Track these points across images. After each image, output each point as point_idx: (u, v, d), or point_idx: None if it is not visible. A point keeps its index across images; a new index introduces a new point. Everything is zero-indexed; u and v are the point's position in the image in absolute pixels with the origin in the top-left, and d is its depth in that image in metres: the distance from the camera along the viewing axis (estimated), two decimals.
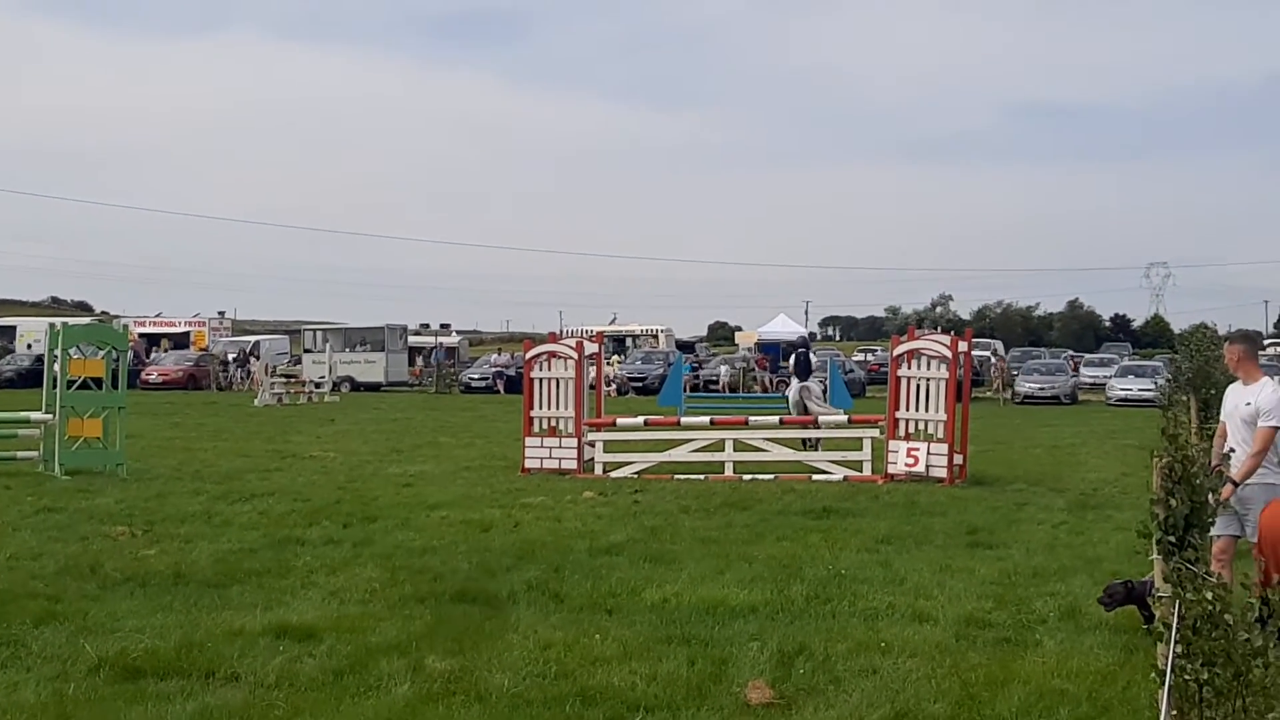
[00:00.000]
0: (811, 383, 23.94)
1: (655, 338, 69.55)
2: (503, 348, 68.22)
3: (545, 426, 18.88)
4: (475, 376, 54.43)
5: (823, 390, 25.62)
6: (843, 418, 20.21)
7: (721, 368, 52.11)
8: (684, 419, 21.06)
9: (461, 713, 6.49)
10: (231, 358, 57.18)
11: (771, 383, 49.84)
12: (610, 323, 78.08)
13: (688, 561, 10.78)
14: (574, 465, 18.46)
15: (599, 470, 18.27)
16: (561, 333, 49.11)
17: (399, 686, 6.88)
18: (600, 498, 15.39)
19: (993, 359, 53.44)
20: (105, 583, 9.69)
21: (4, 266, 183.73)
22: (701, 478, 17.44)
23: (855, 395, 38.59)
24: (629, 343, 68.60)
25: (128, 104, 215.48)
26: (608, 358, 49.48)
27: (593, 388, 20.97)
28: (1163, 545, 4.80)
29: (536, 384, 19.05)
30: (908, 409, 17.55)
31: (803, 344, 26.74)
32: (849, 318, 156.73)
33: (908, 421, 17.52)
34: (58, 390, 17.81)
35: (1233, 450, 8.47)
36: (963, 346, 17.96)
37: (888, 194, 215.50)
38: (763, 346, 59.66)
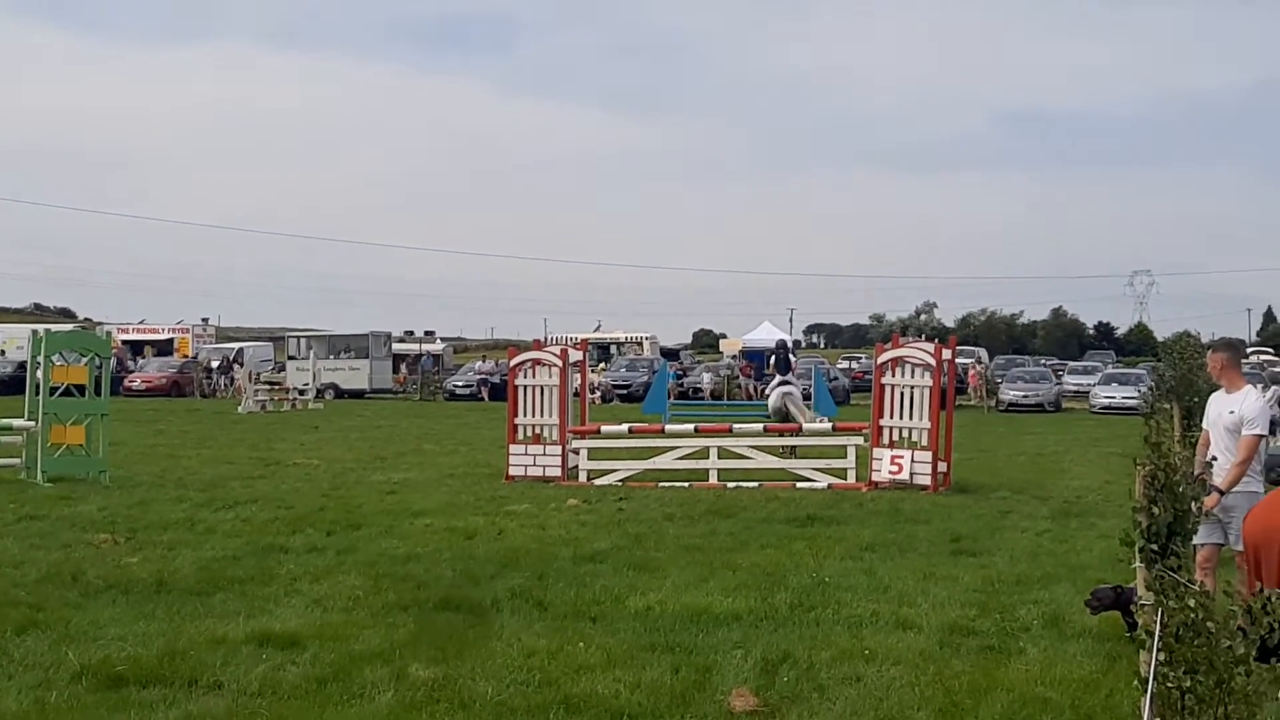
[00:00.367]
0: (793, 385, 24.41)
1: (640, 345, 69.65)
2: (487, 355, 68.17)
3: (530, 434, 18.87)
4: (460, 384, 54.37)
5: (803, 394, 25.98)
6: (827, 426, 20.26)
7: (705, 375, 52.09)
8: (668, 426, 21.07)
9: None
10: (215, 365, 57.03)
11: (756, 390, 49.82)
12: (595, 330, 78.19)
13: (672, 569, 10.77)
14: (558, 473, 18.45)
15: (583, 478, 18.26)
16: (546, 340, 49.10)
17: (382, 694, 6.86)
18: (584, 505, 15.38)
19: (975, 365, 53.54)
20: (88, 590, 9.65)
21: None
22: (686, 485, 17.44)
23: (840, 403, 38.66)
24: (614, 350, 68.62)
25: (112, 110, 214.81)
26: (592, 365, 49.48)
27: (577, 395, 20.96)
28: (1145, 553, 4.81)
29: (521, 391, 19.04)
30: (892, 417, 17.58)
31: (781, 345, 27.82)
32: (833, 325, 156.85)
33: (892, 429, 17.55)
34: (40, 397, 17.75)
35: (1215, 458, 8.51)
36: (947, 354, 18.01)
37: (873, 202, 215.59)
38: (747, 354, 59.70)
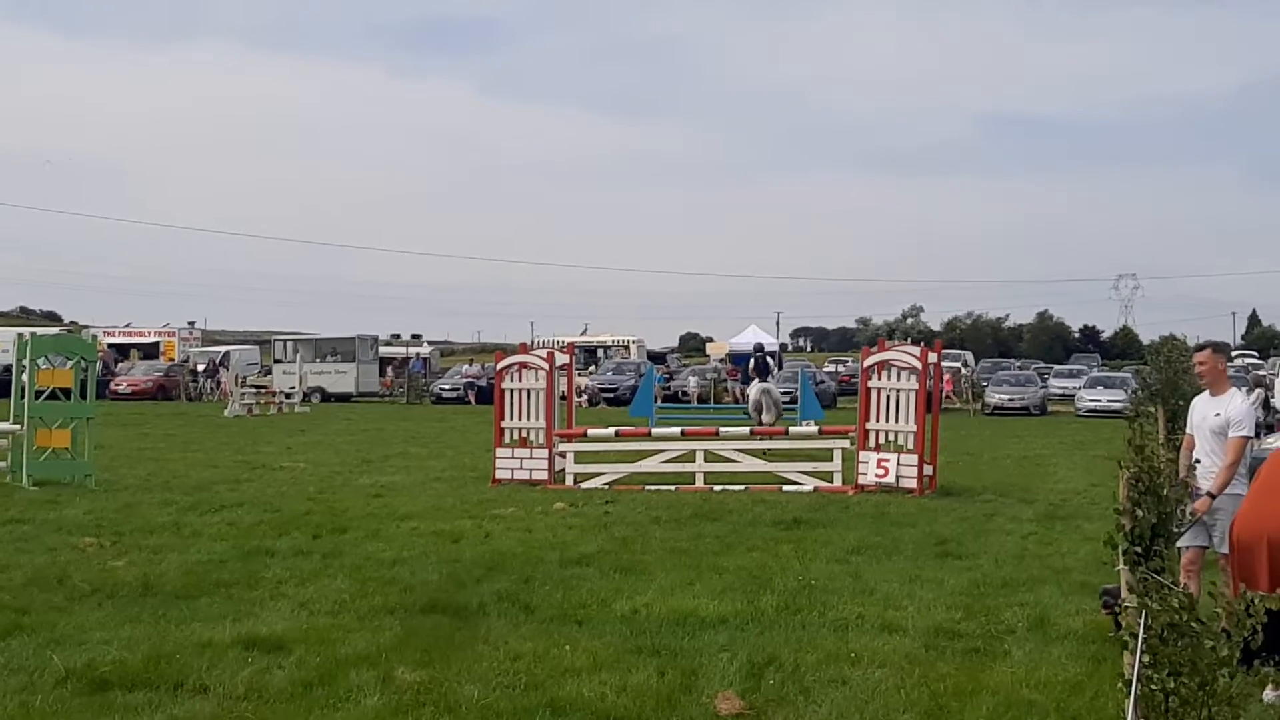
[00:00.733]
0: (771, 385, 25.62)
1: (626, 349, 69.63)
2: (474, 358, 68.15)
3: (516, 437, 18.86)
4: (446, 387, 54.32)
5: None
6: (814, 430, 20.27)
7: (691, 379, 52.08)
8: (655, 430, 21.07)
9: None
10: (201, 368, 56.90)
11: (742, 394, 49.82)
12: (581, 334, 78.15)
13: (658, 572, 10.78)
14: (545, 476, 18.45)
15: (570, 481, 18.26)
16: (533, 343, 49.11)
17: (368, 698, 6.86)
18: (571, 509, 15.38)
19: (962, 369, 53.65)
20: (73, 594, 9.62)
21: None
22: (672, 489, 17.45)
23: (826, 406, 38.68)
24: (600, 354, 68.60)
25: (96, 112, 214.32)
26: (579, 369, 49.45)
27: (564, 399, 20.96)
28: (1129, 555, 4.83)
29: (508, 395, 19.04)
30: (878, 420, 17.61)
31: (759, 349, 29.30)
32: (820, 329, 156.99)
33: (878, 433, 17.58)
34: (25, 401, 17.69)
35: (1199, 461, 8.54)
36: (933, 358, 18.04)
37: (860, 205, 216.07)
38: (734, 357, 59.72)
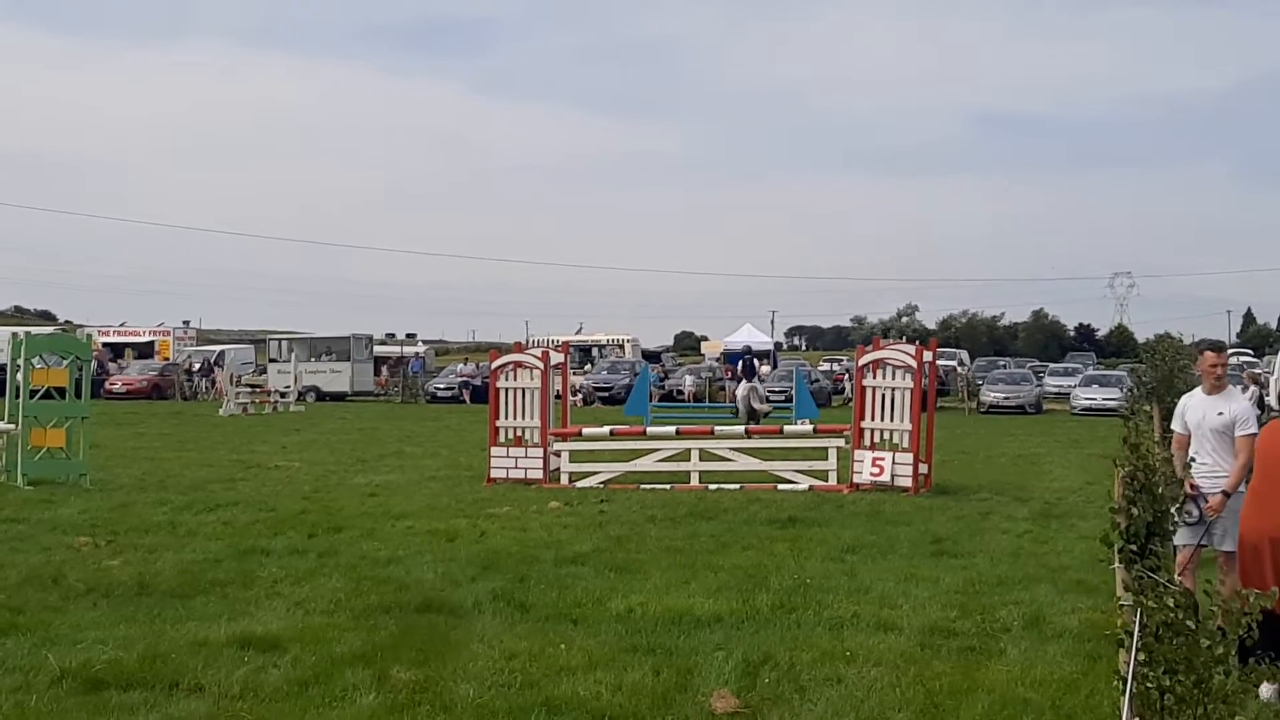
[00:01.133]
0: (756, 383, 28.41)
1: (621, 347, 69.57)
2: (469, 357, 68.09)
3: (511, 436, 18.86)
4: (441, 386, 54.26)
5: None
6: (809, 428, 20.29)
7: (686, 377, 52.07)
8: (650, 429, 21.07)
9: None
10: (196, 367, 56.80)
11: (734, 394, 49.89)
12: (576, 332, 78.07)
13: (653, 571, 10.79)
14: (540, 475, 18.45)
15: (565, 480, 18.26)
16: (527, 342, 49.05)
17: (364, 697, 6.86)
18: (566, 508, 15.38)
19: (957, 368, 53.66)
20: (68, 594, 9.62)
21: None
22: (667, 487, 17.45)
23: (821, 405, 38.72)
24: (595, 353, 68.57)
25: (91, 110, 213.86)
26: (574, 368, 49.45)
27: (558, 398, 20.95)
28: (1124, 553, 4.84)
29: (502, 394, 19.04)
30: (873, 418, 17.62)
31: (746, 351, 32.96)
32: (815, 328, 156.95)
33: (873, 431, 17.59)
34: (20, 400, 17.67)
35: (1193, 460, 8.54)
36: (928, 356, 18.05)
37: (854, 205, 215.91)
38: (729, 356, 59.74)
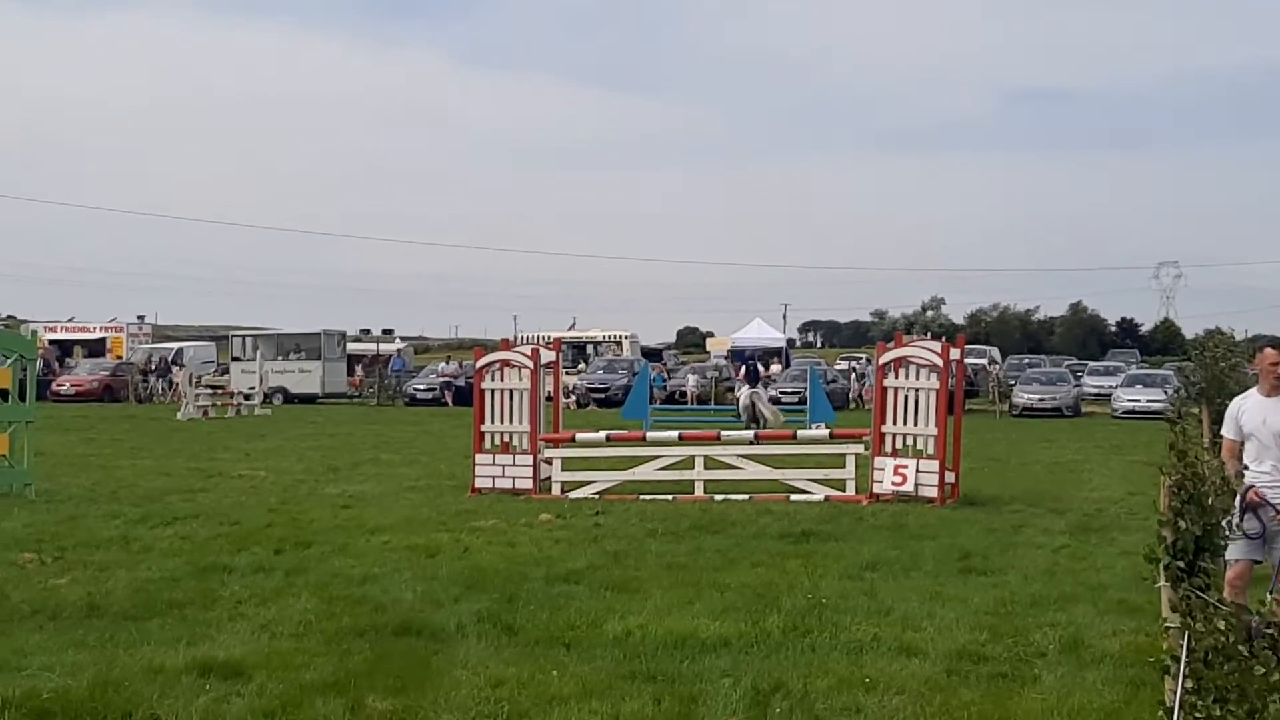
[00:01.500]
0: (761, 389, 29.85)
1: (619, 345, 69.58)
2: (451, 355, 68.05)
3: (498, 442, 18.85)
4: (421, 387, 54.27)
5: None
6: (825, 433, 20.28)
7: (690, 377, 52.06)
8: (650, 434, 21.06)
9: None
10: (152, 367, 56.82)
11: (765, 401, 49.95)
12: (569, 328, 78.15)
13: (654, 590, 10.78)
14: (529, 485, 18.44)
15: (556, 490, 18.25)
16: (516, 339, 49.08)
17: None
18: (558, 520, 15.38)
19: (987, 366, 53.65)
20: (11, 615, 9.61)
21: None
22: (669, 498, 17.44)
23: (838, 407, 38.74)
24: (590, 350, 68.59)
25: (35, 88, 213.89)
26: (567, 367, 49.43)
27: (550, 400, 20.94)
28: (1170, 571, 4.84)
29: (488, 395, 19.02)
30: (895, 422, 17.61)
31: (751, 355, 35.02)
32: (831, 323, 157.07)
33: (895, 436, 17.58)
34: None
35: (1247, 468, 8.52)
36: (955, 354, 18.04)
37: (874, 188, 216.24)
38: (737, 354, 59.73)
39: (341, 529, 14.45)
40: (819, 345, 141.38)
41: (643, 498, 17.54)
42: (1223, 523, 5.39)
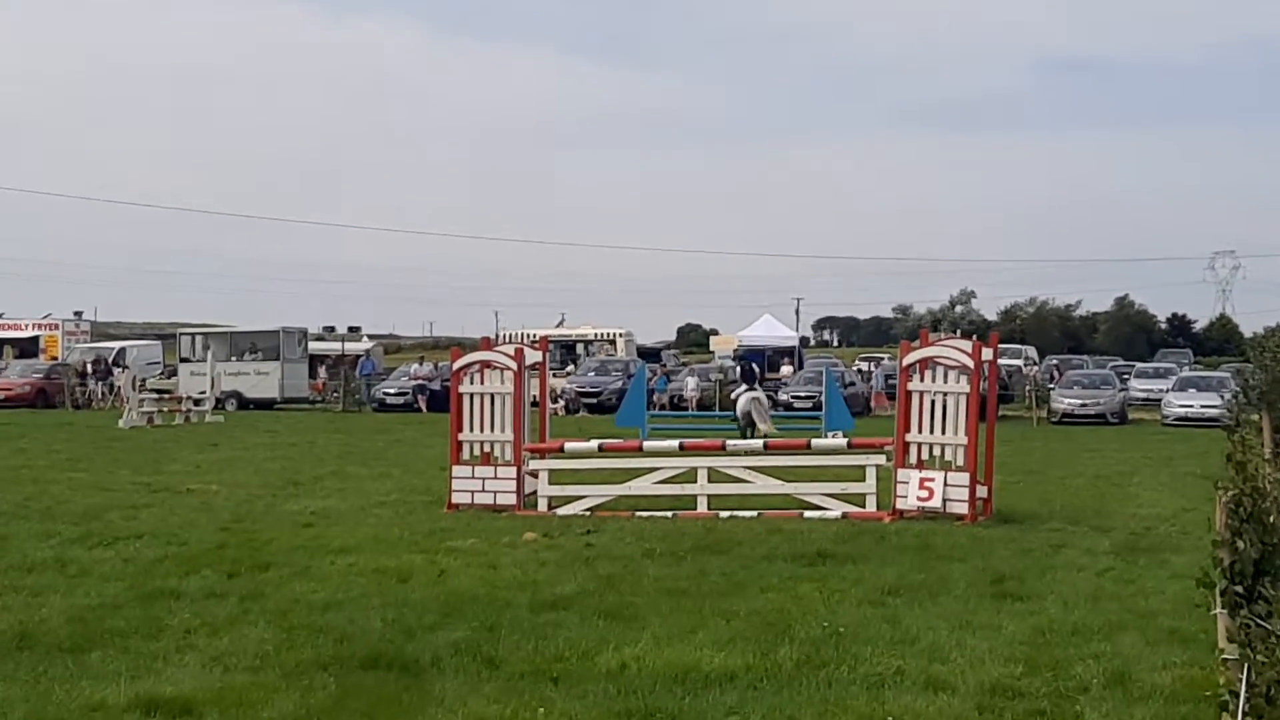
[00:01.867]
0: (759, 392, 29.99)
1: (613, 343, 69.53)
2: (425, 356, 68.06)
3: (477, 453, 18.84)
4: (391, 391, 54.27)
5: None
6: (842, 443, 20.28)
7: (690, 380, 52.10)
8: (647, 443, 21.06)
9: None
10: (90, 368, 56.81)
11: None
12: (557, 325, 78.05)
13: (652, 618, 10.79)
14: (512, 500, 18.44)
15: (543, 506, 18.25)
16: (497, 338, 49.05)
17: None
18: (544, 540, 15.38)
19: (1022, 368, 53.72)
20: None
21: None
22: (669, 515, 17.45)
23: (857, 414, 38.76)
24: (580, 350, 68.58)
25: None
26: (555, 368, 49.41)
27: (536, 405, 20.95)
28: (1227, 596, 4.84)
29: (467, 400, 19.02)
30: (920, 431, 17.61)
31: (746, 355, 36.01)
32: (850, 319, 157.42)
33: (921, 446, 17.59)
34: None
35: None
36: (987, 354, 18.05)
37: (897, 169, 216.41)
38: (745, 354, 59.75)
39: (303, 550, 14.44)
40: (835, 344, 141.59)
41: (639, 514, 17.54)
42: None
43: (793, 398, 49.27)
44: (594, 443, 20.15)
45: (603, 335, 70.68)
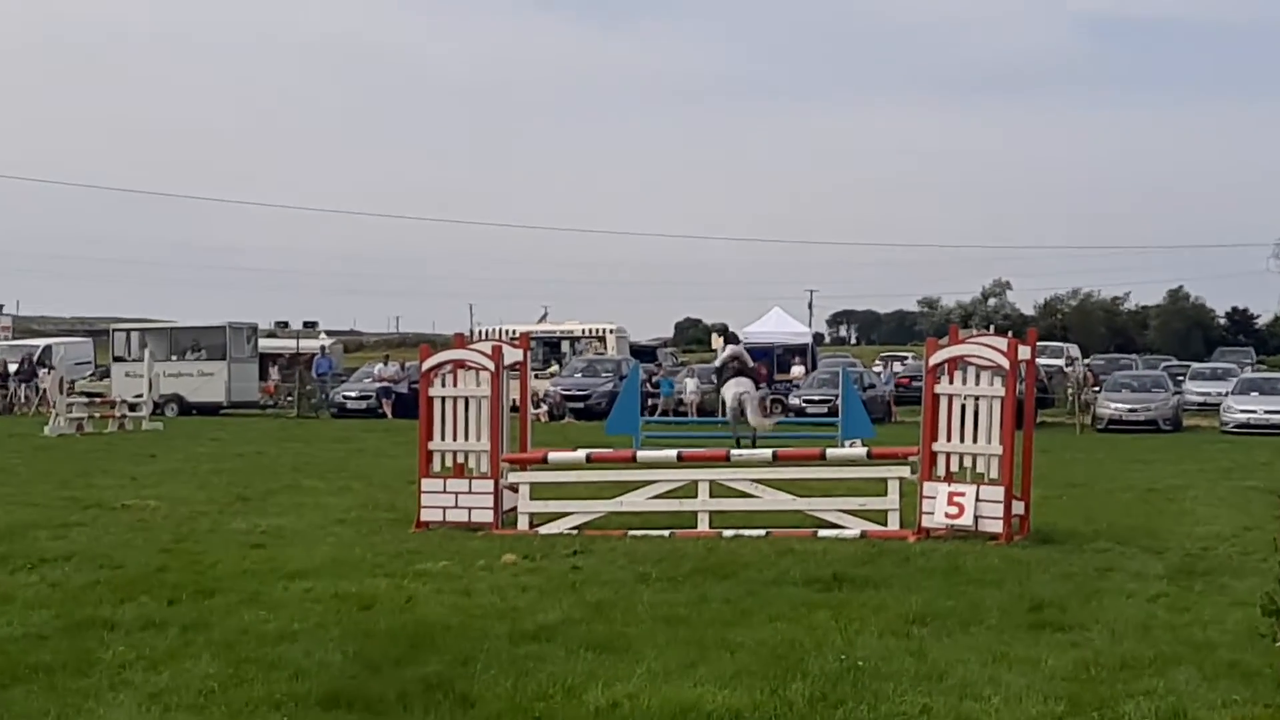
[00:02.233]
0: (749, 383, 30.80)
1: (602, 340, 69.63)
2: (390, 354, 68.13)
3: (450, 464, 18.85)
4: (353, 395, 54.38)
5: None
6: (861, 452, 20.27)
7: (688, 382, 52.17)
8: (641, 453, 21.07)
9: None
10: (12, 369, 56.83)
11: (768, 405, 49.99)
12: (540, 320, 78.15)
13: (646, 650, 10.79)
14: (489, 517, 18.44)
15: (524, 524, 18.26)
16: (473, 334, 49.11)
17: None
18: (525, 562, 15.39)
19: (1065, 368, 53.83)
20: None
21: None
22: (665, 534, 17.46)
23: (878, 420, 38.86)
24: (566, 348, 68.65)
25: None
26: (538, 368, 49.42)
27: (515, 410, 20.96)
28: None
29: (438, 405, 19.02)
30: (949, 439, 17.62)
31: (734, 357, 33.47)
32: (868, 313, 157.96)
33: (949, 456, 17.60)
34: None
35: None
36: (1024, 353, 18.06)
37: (923, 144, 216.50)
38: (752, 354, 59.76)
39: (252, 573, 14.44)
40: (853, 341, 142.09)
41: (632, 534, 17.55)
42: None
43: (805, 402, 49.46)
44: (581, 453, 20.15)
45: (591, 331, 70.72)
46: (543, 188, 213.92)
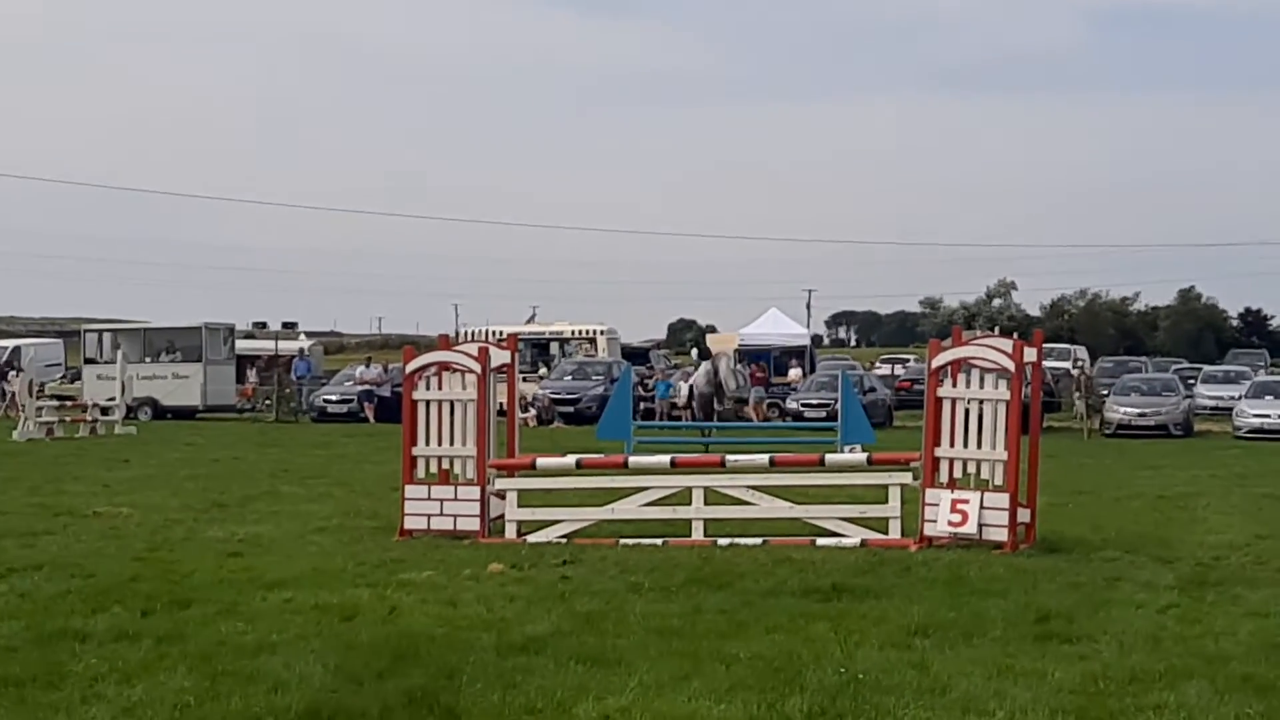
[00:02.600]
0: (725, 364, 34.56)
1: (592, 342, 69.65)
2: (372, 356, 68.11)
3: (434, 470, 18.85)
4: (333, 398, 54.38)
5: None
6: (861, 458, 20.28)
7: (683, 385, 52.17)
8: (633, 458, 21.08)
9: None
10: None
11: (763, 409, 50.04)
12: (528, 321, 78.16)
13: (639, 662, 10.80)
14: (475, 525, 18.44)
15: (511, 532, 18.27)
16: (458, 335, 49.09)
17: None
18: (513, 572, 15.40)
19: (1071, 370, 53.90)
20: None
21: None
22: (658, 542, 17.48)
23: (879, 424, 38.86)
24: (555, 350, 68.67)
25: None
26: (526, 370, 49.42)
27: (502, 414, 20.96)
28: None
29: (422, 409, 19.02)
30: (952, 444, 17.63)
31: (705, 354, 36.97)
32: (869, 314, 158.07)
33: (952, 462, 17.61)
34: None
35: None
36: (1030, 355, 18.08)
37: (924, 139, 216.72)
38: (754, 357, 59.79)
39: (229, 583, 14.44)
40: (853, 343, 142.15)
41: (624, 542, 17.57)
42: None
43: (803, 405, 49.43)
44: (571, 458, 20.15)
45: (581, 333, 70.77)
46: (533, 182, 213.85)
